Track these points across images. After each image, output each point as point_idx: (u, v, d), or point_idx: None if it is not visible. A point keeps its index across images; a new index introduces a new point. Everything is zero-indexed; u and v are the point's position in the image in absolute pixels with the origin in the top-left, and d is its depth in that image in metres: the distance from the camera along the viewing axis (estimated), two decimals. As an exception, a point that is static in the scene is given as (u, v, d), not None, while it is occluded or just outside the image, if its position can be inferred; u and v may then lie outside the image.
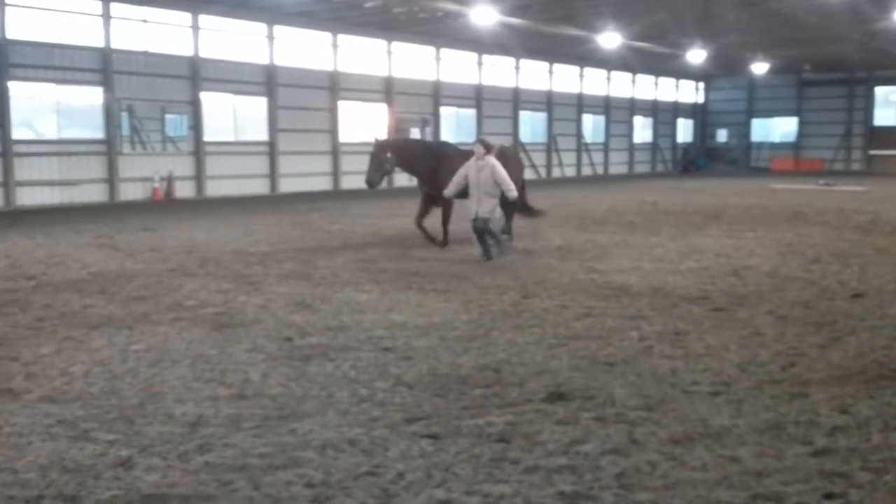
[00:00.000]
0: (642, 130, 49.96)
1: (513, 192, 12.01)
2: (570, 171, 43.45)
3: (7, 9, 22.19)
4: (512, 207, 13.62)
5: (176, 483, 4.24)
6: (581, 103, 43.91)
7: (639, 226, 17.25)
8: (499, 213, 12.44)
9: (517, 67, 39.44)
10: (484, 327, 7.77)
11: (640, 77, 47.51)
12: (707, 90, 54.79)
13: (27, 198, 22.81)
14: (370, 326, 7.80)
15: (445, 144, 14.33)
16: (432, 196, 13.35)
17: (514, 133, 39.62)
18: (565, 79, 42.76)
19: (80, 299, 9.21)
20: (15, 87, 22.74)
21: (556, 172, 42.34)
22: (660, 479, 4.29)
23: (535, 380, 6.03)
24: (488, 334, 7.48)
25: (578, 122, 43.99)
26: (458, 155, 13.04)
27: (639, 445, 4.74)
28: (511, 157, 14.11)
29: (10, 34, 22.31)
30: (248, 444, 4.75)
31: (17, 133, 22.90)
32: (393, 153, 13.31)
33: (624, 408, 5.39)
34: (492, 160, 11.91)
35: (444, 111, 36.05)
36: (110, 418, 5.21)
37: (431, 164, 13.30)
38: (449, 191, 12.34)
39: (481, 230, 11.96)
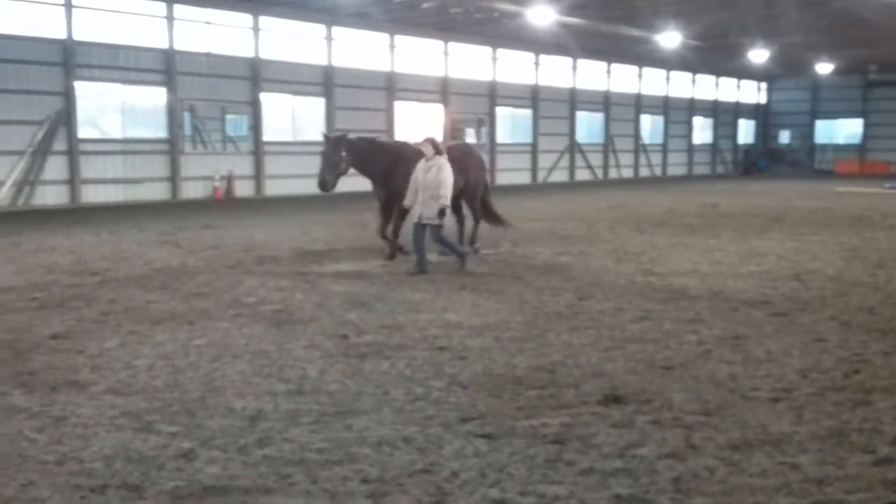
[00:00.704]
0: (702, 131, 49.20)
1: (444, 200, 10.81)
2: (628, 173, 43.02)
3: (74, 10, 22.87)
4: (485, 215, 13.42)
5: (236, 475, 4.33)
6: (639, 103, 43.45)
7: (698, 228, 16.99)
8: (445, 218, 11.09)
9: (574, 67, 39.19)
10: (539, 328, 7.75)
11: (700, 77, 46.81)
12: (770, 90, 53.72)
13: (92, 195, 23.47)
14: (425, 326, 7.85)
15: (405, 145, 13.10)
16: (384, 200, 12.25)
17: (571, 133, 39.41)
18: (623, 79, 42.35)
19: (144, 295, 9.45)
20: (81, 87, 23.42)
21: (612, 174, 41.98)
22: (717, 484, 4.23)
23: (591, 382, 6.00)
24: (543, 335, 7.47)
25: (636, 122, 43.54)
26: (417, 157, 11.52)
27: (696, 450, 4.68)
28: (473, 158, 13.31)
29: (77, 35, 22.98)
30: (305, 439, 4.83)
31: (83, 132, 23.58)
32: (348, 152, 11.91)
33: (681, 412, 5.33)
34: (441, 161, 10.97)
35: (500, 111, 36.03)
36: (173, 411, 5.35)
37: (385, 165, 12.12)
38: (407, 199, 11.23)
39: (420, 237, 10.96)
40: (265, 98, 27.51)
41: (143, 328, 7.72)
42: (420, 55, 32.52)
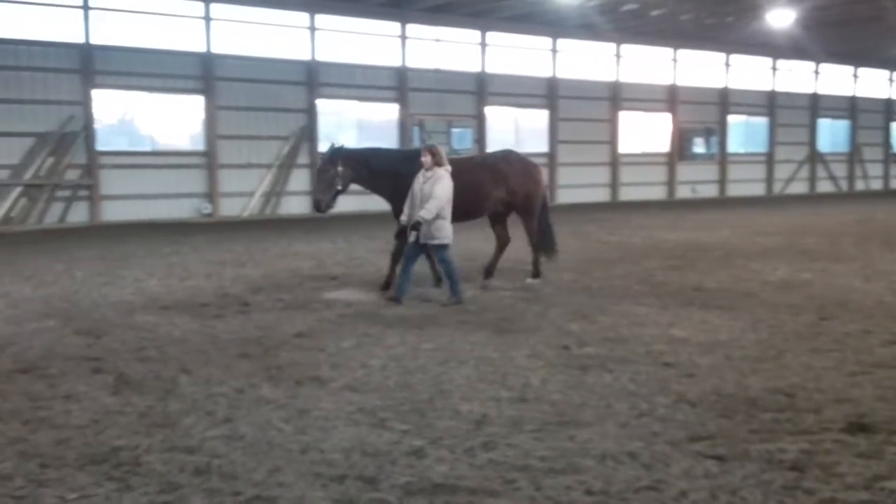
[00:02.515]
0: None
1: (426, 213, 9.37)
2: (877, 185, 39.56)
3: (317, 33, 24.65)
4: (535, 241, 11.26)
5: (463, 476, 4.45)
6: (890, 110, 39.83)
7: (959, 245, 15.27)
8: (447, 237, 9.72)
9: (816, 72, 36.66)
10: (775, 348, 7.31)
11: (963, 79, 42.14)
12: None
13: (331, 205, 25.09)
14: (650, 340, 7.65)
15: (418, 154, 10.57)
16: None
17: (811, 142, 36.89)
18: (872, 83, 39.02)
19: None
20: (322, 105, 25.17)
21: (859, 185, 38.80)
22: None
23: (833, 408, 5.57)
24: (780, 356, 7.03)
25: (886, 130, 39.91)
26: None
27: (959, 489, 4.21)
28: (515, 165, 11.13)
29: (320, 57, 24.74)
30: (528, 446, 4.87)
31: (323, 147, 25.22)
32: (346, 166, 10.40)
33: (941, 446, 4.81)
34: (440, 173, 9.59)
35: (732, 119, 34.43)
36: (404, 410, 5.59)
37: (391, 179, 10.48)
38: (403, 215, 9.87)
39: (412, 258, 9.79)
40: (489, 111, 28.12)
41: (376, 330, 8.14)
42: (647, 64, 31.86)
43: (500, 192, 10.89)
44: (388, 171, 10.53)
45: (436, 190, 9.47)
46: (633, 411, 5.54)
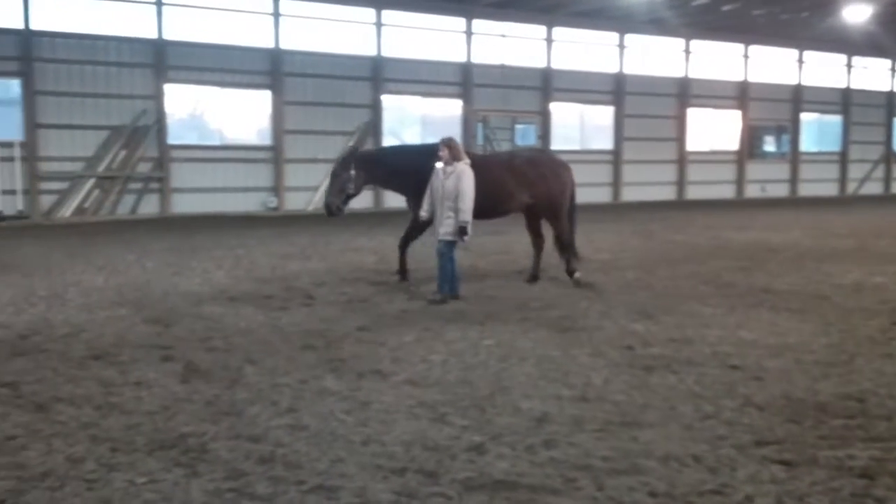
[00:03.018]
0: None
1: (464, 215, 9.27)
2: (955, 185, 38.11)
3: (383, 29, 24.82)
4: (558, 241, 11.00)
5: (524, 473, 4.43)
6: (971, 108, 38.29)
7: None
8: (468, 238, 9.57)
9: (893, 69, 35.45)
10: (846, 353, 7.10)
11: None
12: None
13: (392, 201, 25.22)
14: (716, 342, 7.51)
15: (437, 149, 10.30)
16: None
17: (887, 141, 35.70)
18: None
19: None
20: (386, 100, 25.33)
21: (935, 186, 37.47)
22: None
23: (908, 415, 5.39)
24: (851, 361, 6.83)
25: (967, 129, 38.40)
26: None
27: None
28: (542, 166, 10.92)
29: (385, 52, 24.90)
30: (590, 446, 4.83)
31: (386, 142, 25.43)
32: (359, 169, 10.28)
33: None
34: (461, 167, 9.36)
35: (805, 117, 33.52)
36: (464, 405, 5.60)
37: (417, 178, 10.02)
38: (423, 210, 9.79)
39: (443, 254, 9.60)
40: (554, 107, 27.91)
41: (437, 326, 8.17)
42: (716, 60, 31.21)
43: (524, 196, 10.72)
44: (408, 169, 10.35)
45: (463, 187, 9.29)
46: (697, 414, 5.45)
